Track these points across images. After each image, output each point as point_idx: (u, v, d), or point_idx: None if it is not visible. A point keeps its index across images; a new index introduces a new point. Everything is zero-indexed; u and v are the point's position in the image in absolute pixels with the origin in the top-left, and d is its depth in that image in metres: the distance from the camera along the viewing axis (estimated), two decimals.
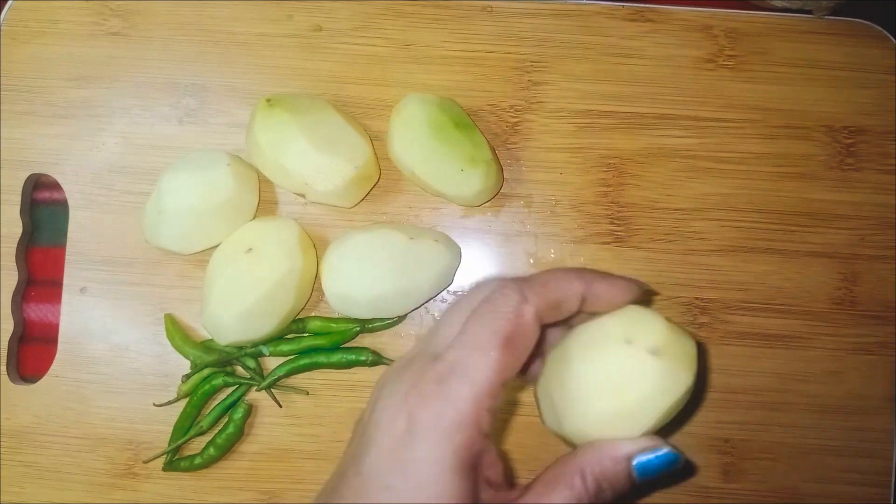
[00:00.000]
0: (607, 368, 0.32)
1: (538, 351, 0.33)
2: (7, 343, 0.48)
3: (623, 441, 0.31)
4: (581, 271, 0.33)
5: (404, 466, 0.28)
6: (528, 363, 0.33)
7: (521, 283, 0.31)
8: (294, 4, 0.50)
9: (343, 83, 0.49)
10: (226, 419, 0.47)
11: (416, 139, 0.45)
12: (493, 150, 0.47)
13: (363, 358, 0.47)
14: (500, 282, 0.31)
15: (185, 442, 0.47)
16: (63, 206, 0.49)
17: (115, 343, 0.48)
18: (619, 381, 0.31)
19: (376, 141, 0.48)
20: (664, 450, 0.30)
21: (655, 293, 0.48)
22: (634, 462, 0.30)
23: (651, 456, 0.30)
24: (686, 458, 0.31)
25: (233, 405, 0.47)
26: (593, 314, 0.34)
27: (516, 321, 0.30)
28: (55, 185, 0.49)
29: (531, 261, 0.49)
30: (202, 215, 0.45)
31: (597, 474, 0.30)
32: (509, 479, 0.33)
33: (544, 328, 0.32)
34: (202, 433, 0.47)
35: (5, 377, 0.48)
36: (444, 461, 0.28)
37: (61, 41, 0.49)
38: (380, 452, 0.29)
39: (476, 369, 0.29)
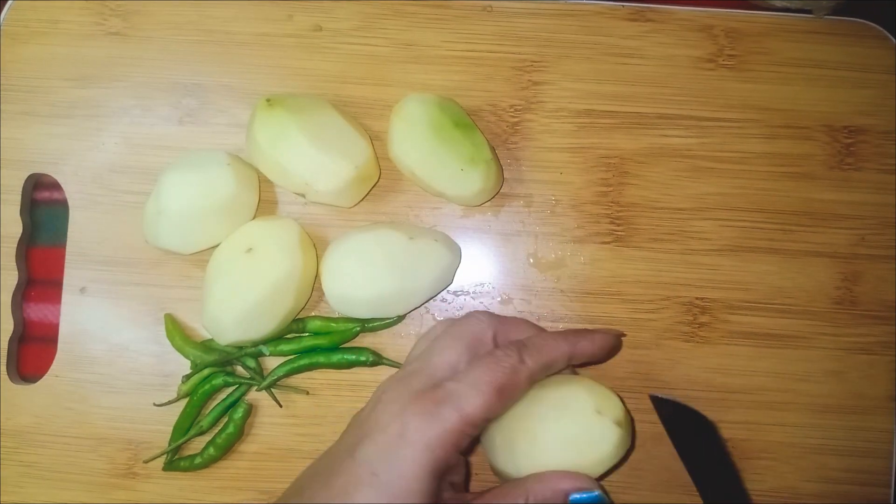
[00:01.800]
0: (575, 431, 0.39)
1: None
2: (7, 343, 0.48)
3: (565, 476, 0.38)
4: (567, 334, 0.40)
5: (392, 461, 0.35)
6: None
7: (520, 346, 0.38)
8: (294, 4, 0.50)
9: (343, 83, 0.49)
10: (226, 419, 0.47)
11: (416, 139, 0.45)
12: (493, 150, 0.47)
13: (363, 358, 0.47)
14: (504, 347, 0.38)
15: (185, 442, 0.47)
16: (63, 206, 0.49)
17: (115, 343, 0.48)
18: (584, 443, 0.39)
19: (376, 141, 0.48)
20: (596, 492, 0.37)
21: (624, 334, 0.48)
22: (571, 497, 0.37)
23: (584, 494, 0.37)
24: (610, 500, 0.39)
25: (233, 405, 0.47)
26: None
27: (512, 376, 0.37)
28: (55, 185, 0.49)
29: (531, 260, 0.49)
30: (202, 215, 0.45)
31: (539, 499, 0.37)
32: (467, 484, 0.42)
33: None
34: (202, 433, 0.47)
35: (5, 377, 0.48)
36: (424, 465, 0.35)
37: (61, 41, 0.49)
38: (374, 445, 0.35)
39: (468, 403, 0.35)
